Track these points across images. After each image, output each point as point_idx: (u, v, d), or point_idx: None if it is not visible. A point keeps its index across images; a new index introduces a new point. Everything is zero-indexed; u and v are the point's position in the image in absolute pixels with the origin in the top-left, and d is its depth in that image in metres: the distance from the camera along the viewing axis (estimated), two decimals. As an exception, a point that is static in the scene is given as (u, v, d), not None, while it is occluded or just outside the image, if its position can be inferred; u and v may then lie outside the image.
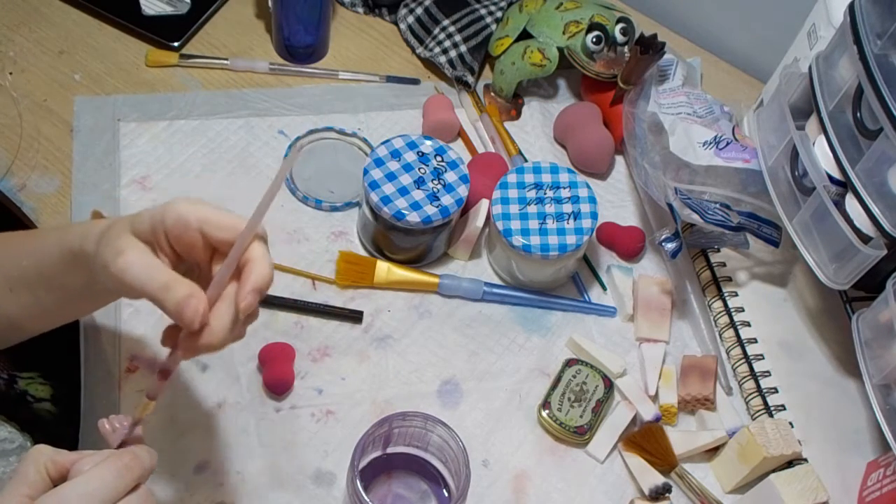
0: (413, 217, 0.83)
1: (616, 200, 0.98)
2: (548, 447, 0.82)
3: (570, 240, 0.84)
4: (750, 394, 0.86)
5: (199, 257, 0.58)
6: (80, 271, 0.62)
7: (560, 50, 0.98)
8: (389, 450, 0.74)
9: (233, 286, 0.56)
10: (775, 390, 0.86)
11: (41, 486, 0.53)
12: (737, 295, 0.91)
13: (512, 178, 0.88)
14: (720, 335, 0.90)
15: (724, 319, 0.90)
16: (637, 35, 0.96)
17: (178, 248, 0.58)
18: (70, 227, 0.64)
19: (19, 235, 0.69)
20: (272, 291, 0.86)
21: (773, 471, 0.78)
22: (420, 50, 1.04)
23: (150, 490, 0.55)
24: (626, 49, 0.98)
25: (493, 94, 1.03)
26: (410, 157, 0.87)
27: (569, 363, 0.85)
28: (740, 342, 0.88)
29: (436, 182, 0.86)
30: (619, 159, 1.01)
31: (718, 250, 0.94)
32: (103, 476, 0.52)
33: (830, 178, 0.79)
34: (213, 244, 0.58)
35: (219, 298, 0.56)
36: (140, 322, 0.83)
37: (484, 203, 0.88)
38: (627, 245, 0.94)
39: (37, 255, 0.65)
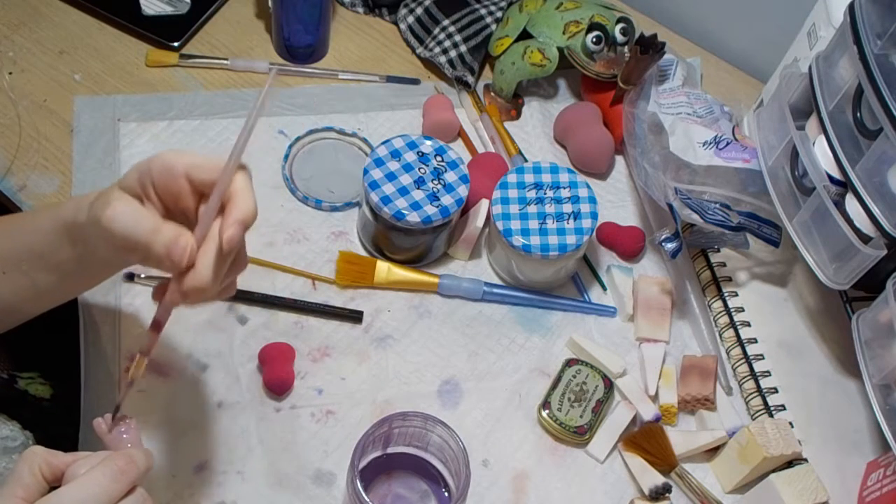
0: (413, 217, 0.83)
1: (616, 200, 0.98)
2: (548, 447, 0.82)
3: (570, 240, 0.84)
4: (750, 394, 0.86)
5: (186, 205, 0.58)
6: (73, 245, 0.62)
7: (560, 50, 0.98)
8: (389, 450, 0.74)
9: (218, 224, 0.56)
10: (775, 390, 0.86)
11: (36, 488, 0.53)
12: (737, 295, 0.91)
13: (512, 178, 0.88)
14: (720, 335, 0.90)
15: (724, 319, 0.90)
16: (637, 35, 0.96)
17: (166, 198, 0.58)
18: (62, 203, 0.64)
19: (9, 218, 0.69)
20: (272, 291, 0.86)
21: (773, 471, 0.78)
22: (420, 50, 1.04)
23: (145, 493, 0.55)
24: (626, 49, 0.98)
25: (493, 94, 1.03)
26: (410, 157, 0.87)
27: (569, 363, 0.85)
28: (740, 342, 0.88)
29: (436, 182, 0.86)
30: (619, 159, 1.01)
31: (718, 250, 0.94)
32: (98, 481, 0.52)
33: (830, 178, 0.79)
34: (199, 189, 0.58)
35: (206, 238, 0.56)
36: (140, 322, 0.83)
37: (484, 203, 0.88)
38: (627, 245, 0.94)
39: (29, 233, 0.65)
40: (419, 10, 1.05)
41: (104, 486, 0.52)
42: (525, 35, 1.00)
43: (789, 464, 0.80)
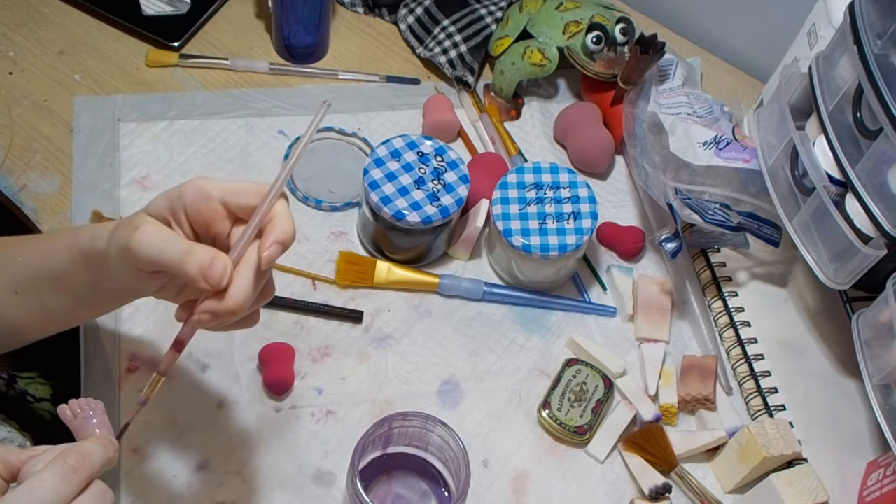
0: (413, 217, 0.83)
1: (616, 200, 0.98)
2: (548, 447, 0.82)
3: (570, 240, 0.84)
4: (750, 394, 0.86)
5: (218, 229, 0.59)
6: (89, 271, 0.62)
7: (560, 50, 0.98)
8: (389, 450, 0.74)
9: (253, 249, 0.57)
10: (775, 390, 0.86)
11: None
12: (737, 295, 0.91)
13: (512, 178, 0.88)
14: (720, 335, 0.90)
15: (724, 319, 0.90)
16: (637, 35, 0.96)
17: (198, 223, 0.58)
18: (80, 228, 0.64)
19: (26, 239, 0.69)
20: (272, 291, 0.86)
21: (773, 471, 0.78)
22: (420, 50, 1.04)
23: (104, 486, 0.52)
24: (626, 49, 0.98)
25: (493, 94, 1.03)
26: (410, 157, 0.87)
27: (569, 363, 0.85)
28: (740, 342, 0.88)
29: (436, 182, 0.86)
30: (619, 159, 1.01)
31: (718, 250, 0.94)
32: (48, 481, 0.50)
33: (830, 178, 0.79)
34: (234, 213, 0.58)
35: (240, 261, 0.57)
36: (140, 322, 0.83)
37: (484, 203, 0.88)
38: (627, 245, 0.94)
39: (45, 256, 0.65)
40: (419, 10, 1.05)
41: (54, 486, 0.50)
42: (525, 35, 1.00)
43: (789, 464, 0.80)
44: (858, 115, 0.78)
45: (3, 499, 0.50)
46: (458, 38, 1.02)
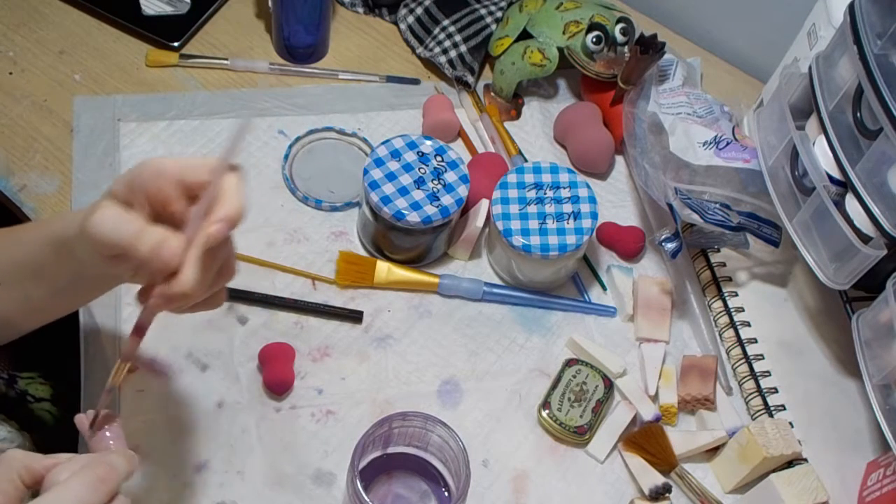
0: (413, 217, 0.83)
1: (616, 200, 0.98)
2: (548, 447, 0.82)
3: (570, 240, 0.84)
4: (750, 394, 0.86)
5: (176, 209, 0.56)
6: (63, 259, 0.61)
7: (560, 50, 0.98)
8: (389, 450, 0.74)
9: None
10: (775, 390, 0.86)
11: (14, 494, 0.51)
12: (737, 295, 0.91)
13: (512, 178, 0.88)
14: (720, 335, 0.90)
15: (724, 319, 0.90)
16: (637, 35, 0.96)
17: (155, 202, 0.56)
18: (54, 217, 0.63)
19: (5, 230, 0.68)
20: (272, 291, 0.86)
21: (773, 471, 0.78)
22: (420, 50, 1.04)
23: (127, 501, 0.53)
24: (626, 49, 0.98)
25: (493, 94, 1.03)
26: (410, 157, 0.87)
27: (569, 363, 0.85)
28: (740, 342, 0.88)
29: (436, 182, 0.86)
30: (619, 159, 1.01)
31: (718, 250, 0.94)
32: (77, 490, 0.50)
33: (830, 178, 0.79)
34: (192, 190, 0.56)
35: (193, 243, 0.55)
36: (140, 322, 0.83)
37: (484, 203, 0.88)
38: (627, 245, 0.94)
39: (24, 245, 0.64)
40: (419, 10, 1.05)
41: (82, 496, 0.50)
42: (525, 35, 1.00)
43: (789, 464, 0.80)
44: (858, 115, 0.78)
45: (33, 502, 0.50)
46: (458, 38, 1.02)
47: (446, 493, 0.74)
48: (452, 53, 1.02)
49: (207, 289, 0.57)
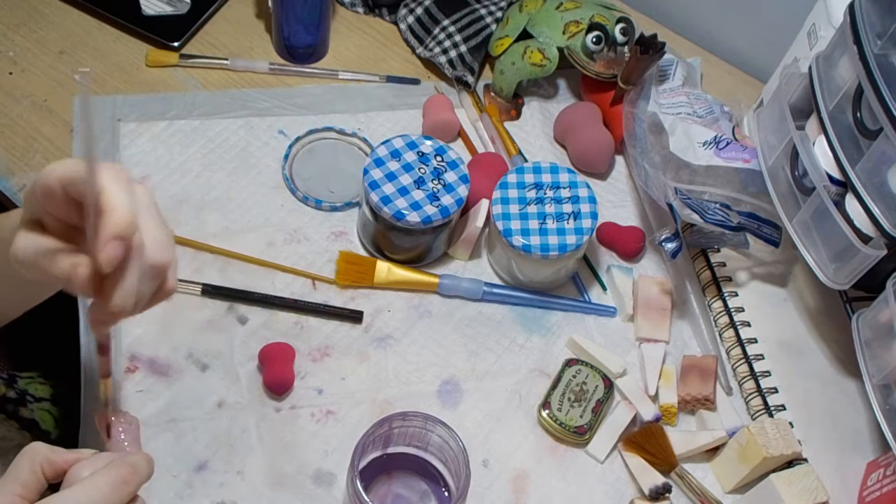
0: (413, 217, 0.83)
1: (616, 200, 0.98)
2: (548, 447, 0.82)
3: (570, 240, 0.84)
4: (750, 394, 0.86)
5: (80, 224, 0.51)
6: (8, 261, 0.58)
7: (560, 50, 0.98)
8: (389, 450, 0.74)
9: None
10: (775, 390, 0.86)
11: (35, 486, 0.52)
12: (737, 295, 0.91)
13: (512, 178, 0.88)
14: (720, 335, 0.90)
15: (724, 319, 0.90)
16: (637, 35, 0.96)
17: (59, 215, 0.52)
18: (6, 215, 0.60)
19: None
20: (272, 291, 0.86)
21: (773, 471, 0.78)
22: (420, 50, 1.04)
23: (144, 501, 0.54)
24: (626, 49, 0.98)
25: (493, 94, 1.03)
26: (410, 157, 0.87)
27: (569, 363, 0.85)
28: (740, 342, 0.88)
29: (436, 182, 0.86)
30: (619, 159, 1.01)
31: (718, 250, 0.94)
32: (100, 488, 0.50)
33: (830, 178, 0.80)
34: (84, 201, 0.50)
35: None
36: (140, 322, 0.82)
37: (484, 203, 0.88)
38: (627, 245, 0.94)
39: None
40: (419, 10, 1.05)
41: (105, 494, 0.50)
42: (525, 35, 1.00)
43: (789, 464, 0.80)
44: (858, 115, 0.78)
45: (55, 496, 0.50)
46: (458, 38, 1.02)
47: (446, 493, 0.74)
48: (452, 53, 1.02)
49: (148, 298, 0.54)
